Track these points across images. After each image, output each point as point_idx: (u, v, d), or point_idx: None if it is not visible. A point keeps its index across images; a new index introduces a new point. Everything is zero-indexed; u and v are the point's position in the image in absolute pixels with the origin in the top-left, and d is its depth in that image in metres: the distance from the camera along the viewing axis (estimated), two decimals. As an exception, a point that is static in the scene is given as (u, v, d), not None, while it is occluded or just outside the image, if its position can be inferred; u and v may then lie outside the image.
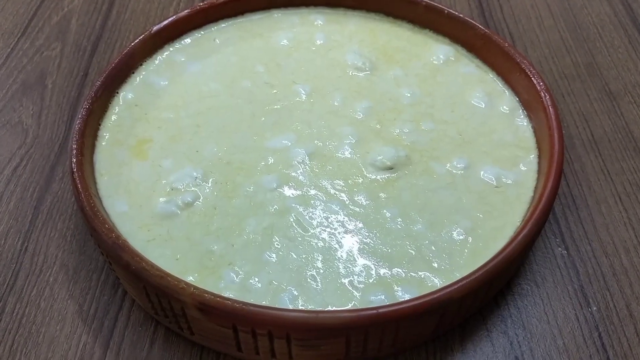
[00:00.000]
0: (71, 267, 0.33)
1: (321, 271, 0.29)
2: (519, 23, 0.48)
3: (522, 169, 0.34)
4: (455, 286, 0.26)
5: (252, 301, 0.28)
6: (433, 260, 0.29)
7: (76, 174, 0.31)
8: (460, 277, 0.27)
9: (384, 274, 0.29)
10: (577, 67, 0.44)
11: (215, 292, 0.27)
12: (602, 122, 0.41)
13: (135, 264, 0.27)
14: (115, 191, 0.32)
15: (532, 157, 0.34)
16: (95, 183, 0.32)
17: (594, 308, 0.32)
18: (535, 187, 0.32)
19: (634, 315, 0.31)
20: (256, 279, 0.29)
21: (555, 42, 0.46)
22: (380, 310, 0.26)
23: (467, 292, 0.27)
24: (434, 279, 0.29)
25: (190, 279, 0.29)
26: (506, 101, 0.37)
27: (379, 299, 0.28)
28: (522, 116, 0.36)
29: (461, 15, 0.39)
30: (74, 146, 0.32)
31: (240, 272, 0.29)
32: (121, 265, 0.28)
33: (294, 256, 0.30)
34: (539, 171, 0.33)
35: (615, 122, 0.41)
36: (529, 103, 0.36)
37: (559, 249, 0.34)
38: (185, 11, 0.40)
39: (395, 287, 0.29)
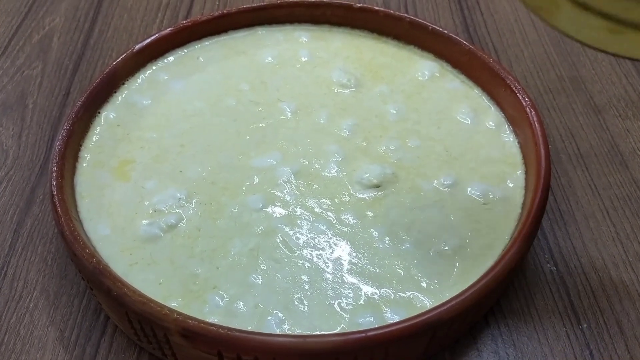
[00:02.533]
0: (52, 292, 0.32)
1: (308, 293, 0.29)
2: (503, 37, 0.48)
3: (510, 185, 0.33)
4: (445, 307, 0.26)
5: (237, 326, 0.27)
6: (422, 280, 0.29)
7: (56, 197, 0.30)
8: (449, 297, 0.27)
9: (372, 294, 0.29)
10: (561, 81, 0.44)
11: (200, 317, 0.26)
12: (588, 136, 0.41)
13: (116, 289, 0.27)
14: (96, 214, 0.32)
15: (519, 172, 0.34)
16: (75, 206, 0.32)
17: (585, 325, 0.31)
18: (523, 204, 0.32)
19: (625, 332, 0.31)
20: (242, 303, 0.28)
21: (539, 56, 0.46)
22: (369, 334, 0.25)
23: (457, 313, 0.26)
24: (423, 299, 0.28)
25: (174, 304, 0.28)
26: (492, 117, 0.37)
27: (367, 321, 0.28)
28: (508, 132, 0.36)
29: (445, 32, 0.39)
30: (54, 168, 0.31)
31: (225, 296, 0.29)
32: (102, 291, 0.27)
33: (280, 278, 0.29)
34: (526, 187, 0.33)
35: (600, 136, 0.41)
36: (515, 119, 0.36)
37: (548, 265, 0.34)
38: (168, 29, 0.40)
39: (384, 309, 0.28)
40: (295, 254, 0.30)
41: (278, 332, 0.27)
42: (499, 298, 0.32)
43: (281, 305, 0.28)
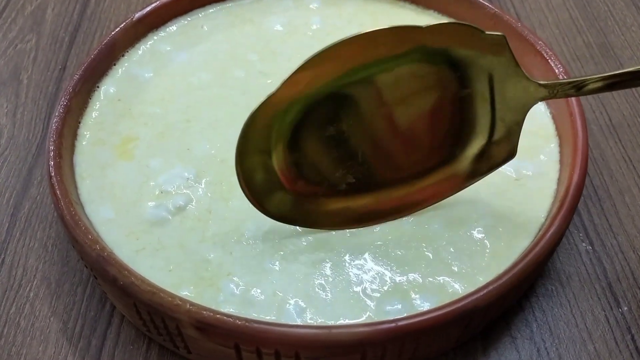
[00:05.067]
0: (53, 280, 0.30)
1: (330, 279, 0.27)
2: (526, 2, 0.45)
3: (542, 159, 0.31)
4: (481, 293, 0.24)
5: (255, 316, 0.25)
6: (452, 264, 0.27)
7: (54, 179, 0.28)
8: (484, 282, 0.25)
9: (399, 280, 0.26)
10: (589, 48, 0.42)
11: (214, 306, 0.24)
12: (620, 106, 0.38)
13: (123, 278, 0.24)
14: (98, 196, 0.29)
15: (553, 145, 0.31)
16: (76, 188, 0.29)
17: (625, 308, 0.29)
18: (559, 179, 0.30)
19: (668, 315, 0.29)
20: (258, 291, 0.26)
21: (564, 21, 0.43)
22: (400, 323, 0.23)
23: (494, 299, 0.24)
24: (455, 284, 0.26)
25: (185, 293, 0.26)
26: (521, 86, 0.34)
27: (395, 309, 0.25)
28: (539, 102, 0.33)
29: (468, -6, 0.37)
30: (52, 147, 0.29)
31: (241, 283, 0.27)
32: (107, 280, 0.25)
33: (299, 263, 0.27)
34: (561, 161, 0.31)
35: (633, 105, 0.38)
36: (546, 87, 0.33)
37: (583, 244, 0.31)
38: (170, -4, 0.37)
39: (413, 295, 0.26)
40: (315, 237, 0.28)
41: (299, 322, 0.25)
42: (533, 281, 0.30)
43: (301, 292, 0.26)
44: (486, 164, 0.28)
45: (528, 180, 0.30)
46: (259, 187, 0.27)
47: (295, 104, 0.26)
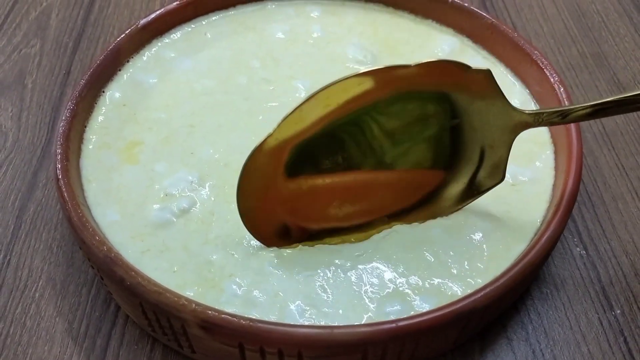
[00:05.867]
0: (58, 281, 0.31)
1: (331, 281, 0.27)
2: (521, 12, 0.46)
3: (538, 165, 0.32)
4: (479, 295, 0.25)
5: (257, 316, 0.26)
6: (452, 267, 0.27)
7: (62, 181, 0.28)
8: (482, 284, 0.25)
9: (399, 282, 0.27)
10: (583, 58, 0.43)
11: (217, 307, 0.25)
12: (613, 114, 0.39)
13: (130, 279, 0.25)
14: (104, 199, 0.30)
15: (548, 152, 0.32)
16: (82, 190, 0.30)
17: (618, 311, 0.30)
18: (554, 185, 0.31)
19: (660, 318, 0.30)
20: (260, 292, 0.27)
21: (559, 31, 0.44)
22: (400, 324, 0.24)
23: (491, 301, 0.25)
24: (454, 286, 0.27)
25: (189, 293, 0.26)
26: (517, 94, 0.35)
27: (395, 310, 0.26)
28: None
29: (466, 5, 0.37)
30: (59, 150, 0.29)
31: (243, 284, 0.27)
32: (114, 281, 0.25)
33: (300, 264, 0.28)
34: (556, 168, 0.31)
35: (627, 114, 0.39)
36: (542, 96, 0.34)
37: (578, 249, 0.32)
38: (174, 4, 0.38)
39: (413, 297, 0.27)
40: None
41: (301, 322, 0.26)
42: (529, 284, 0.30)
43: (302, 293, 0.27)
44: (476, 188, 0.29)
45: (524, 186, 0.31)
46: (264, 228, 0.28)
47: (290, 144, 0.27)
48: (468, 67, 0.26)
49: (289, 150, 0.27)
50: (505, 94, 0.35)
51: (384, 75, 0.26)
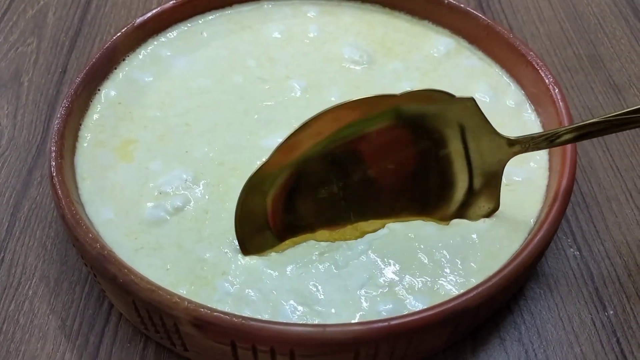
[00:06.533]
0: (52, 278, 0.31)
1: (324, 279, 0.27)
2: (518, 14, 0.46)
3: (532, 166, 0.32)
4: (471, 294, 0.25)
5: (250, 314, 0.26)
6: (446, 266, 0.27)
7: (56, 179, 0.28)
8: (475, 284, 0.25)
9: (393, 280, 0.27)
10: (579, 60, 0.43)
11: (210, 305, 0.25)
12: (609, 115, 0.39)
13: (122, 276, 0.25)
14: (98, 196, 0.30)
15: (542, 153, 0.32)
16: (76, 188, 0.30)
17: (611, 312, 0.30)
18: (548, 185, 0.31)
19: (653, 319, 0.30)
20: (253, 290, 0.27)
21: (555, 33, 0.45)
22: (392, 322, 0.24)
23: (483, 300, 0.25)
24: (447, 285, 0.27)
25: (182, 291, 0.27)
26: (512, 95, 0.35)
27: (388, 309, 0.26)
28: (529, 110, 0.34)
29: (462, 6, 0.37)
30: (53, 148, 0.29)
31: (236, 283, 0.27)
32: (107, 278, 0.25)
33: (294, 263, 0.28)
34: (550, 168, 0.32)
35: (621, 115, 0.39)
36: (537, 97, 0.34)
37: (571, 249, 0.32)
38: (171, 3, 0.38)
39: (406, 296, 0.27)
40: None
41: (294, 320, 0.26)
42: (522, 284, 0.30)
43: (295, 292, 0.27)
44: (471, 214, 0.29)
45: (519, 186, 0.31)
46: (256, 245, 0.28)
47: (286, 169, 0.27)
48: (452, 95, 0.27)
49: (284, 178, 0.27)
50: (500, 94, 0.35)
51: (374, 101, 0.27)
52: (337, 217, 0.29)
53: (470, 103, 0.27)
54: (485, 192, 0.29)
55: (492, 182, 0.29)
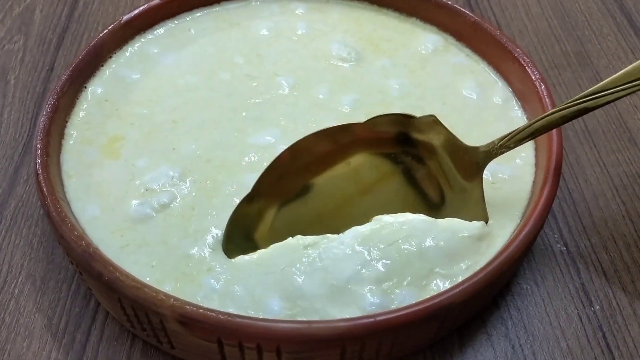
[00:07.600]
0: (38, 277, 0.31)
1: (311, 275, 0.27)
2: (506, 11, 0.46)
3: (519, 162, 0.32)
4: (457, 289, 0.25)
5: (235, 311, 0.26)
6: (433, 262, 0.27)
7: (41, 176, 0.28)
8: (462, 279, 0.26)
9: (380, 277, 0.27)
10: (567, 56, 0.43)
11: (195, 301, 0.25)
12: (596, 113, 0.39)
13: (108, 274, 0.25)
14: (84, 194, 0.30)
15: (529, 149, 0.32)
16: (62, 186, 0.30)
17: (597, 307, 0.30)
18: (534, 182, 0.31)
19: (638, 314, 0.30)
20: (239, 286, 0.27)
21: (543, 30, 0.45)
22: (378, 318, 0.24)
23: (469, 296, 0.25)
24: (435, 282, 0.27)
25: (167, 288, 0.26)
26: (499, 92, 0.35)
27: (375, 304, 0.26)
28: (516, 107, 0.35)
29: (449, 3, 0.38)
30: (39, 146, 0.29)
31: (221, 279, 0.27)
32: (93, 276, 0.25)
33: (280, 259, 0.28)
34: (536, 164, 0.32)
35: (608, 112, 0.39)
36: (524, 93, 0.34)
37: (558, 245, 0.32)
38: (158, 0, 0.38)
39: (394, 291, 0.27)
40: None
41: (280, 317, 0.26)
42: (509, 279, 0.31)
43: (281, 288, 0.27)
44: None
45: (504, 184, 0.31)
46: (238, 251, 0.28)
47: (271, 197, 0.29)
48: (413, 116, 0.29)
49: (270, 204, 0.29)
50: (487, 91, 0.35)
51: (338, 131, 0.28)
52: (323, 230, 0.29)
53: (432, 120, 0.29)
54: (469, 206, 0.29)
55: (475, 192, 0.29)
